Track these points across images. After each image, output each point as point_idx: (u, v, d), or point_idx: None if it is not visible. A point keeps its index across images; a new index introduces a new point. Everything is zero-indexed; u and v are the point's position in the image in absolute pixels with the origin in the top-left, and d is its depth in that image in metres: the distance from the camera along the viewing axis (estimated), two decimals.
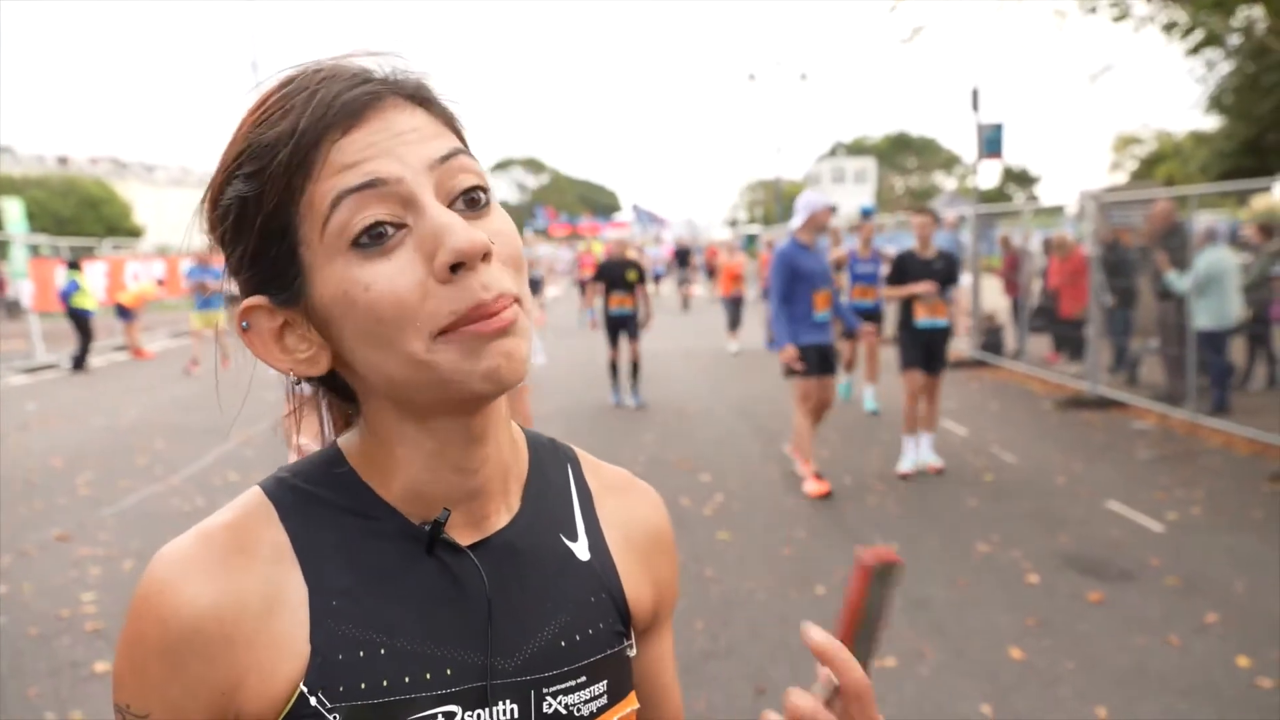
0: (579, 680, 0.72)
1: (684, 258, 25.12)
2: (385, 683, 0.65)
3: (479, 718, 0.67)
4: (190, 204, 0.69)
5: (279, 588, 0.65)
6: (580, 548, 0.77)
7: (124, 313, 15.22)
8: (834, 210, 6.09)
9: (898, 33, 44.50)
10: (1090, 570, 4.69)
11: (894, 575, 0.70)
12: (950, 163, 74.09)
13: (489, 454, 0.70)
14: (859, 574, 0.70)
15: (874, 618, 0.70)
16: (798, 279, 5.85)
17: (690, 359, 13.31)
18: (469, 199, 0.64)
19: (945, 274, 6.42)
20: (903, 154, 75.11)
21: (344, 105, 0.62)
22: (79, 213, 35.79)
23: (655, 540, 0.83)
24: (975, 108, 14.35)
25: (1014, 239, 13.34)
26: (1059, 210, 14.90)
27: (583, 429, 8.35)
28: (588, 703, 0.72)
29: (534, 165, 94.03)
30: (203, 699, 0.64)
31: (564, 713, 0.70)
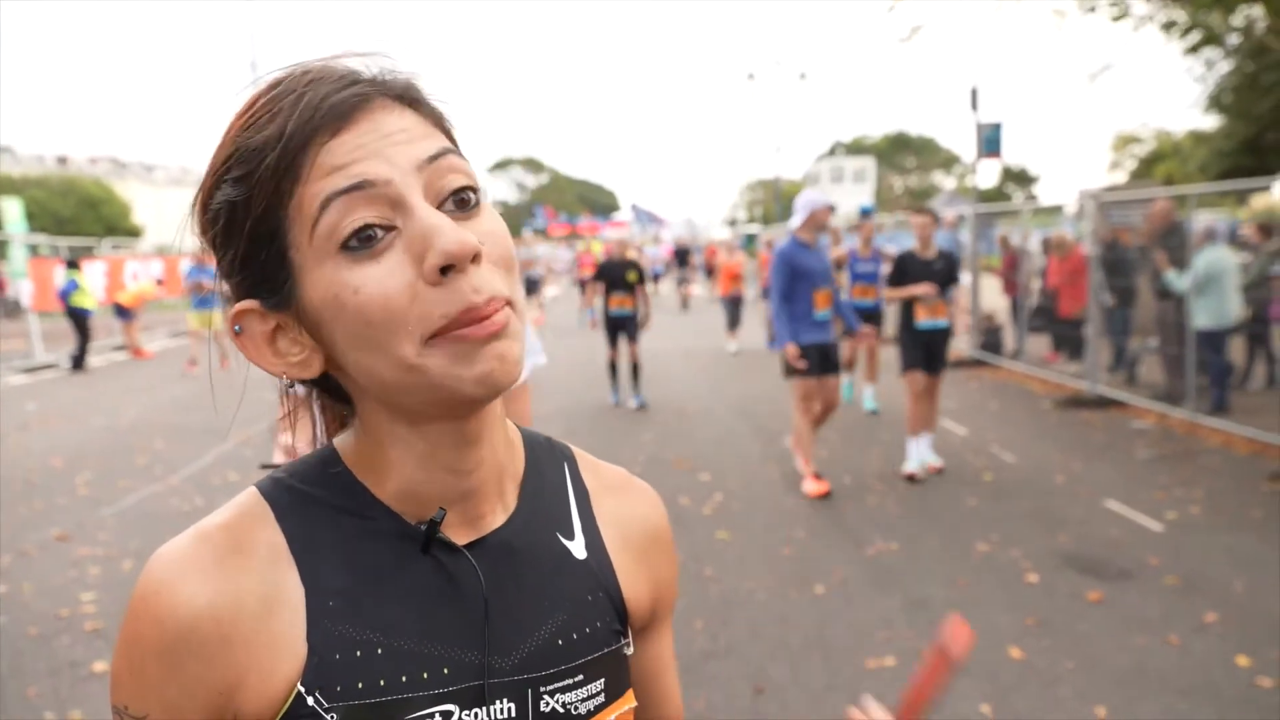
0: (576, 679, 0.72)
1: (683, 257, 25.11)
2: (382, 682, 0.65)
3: (476, 717, 0.67)
4: (189, 204, 0.69)
5: (276, 588, 0.66)
6: (577, 546, 0.77)
7: (123, 312, 15.22)
8: (833, 209, 6.09)
9: (897, 32, 44.50)
10: (1090, 570, 4.69)
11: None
12: (949, 162, 74.06)
13: (483, 455, 0.70)
14: (940, 661, 0.65)
15: (938, 699, 0.67)
16: (798, 278, 5.84)
17: (689, 359, 13.31)
18: (459, 199, 0.64)
19: (946, 274, 6.41)
20: (902, 153, 75.07)
21: (331, 107, 0.62)
22: (78, 212, 35.80)
23: (653, 539, 0.83)
24: (974, 107, 14.35)
25: (1013, 238, 13.33)
26: (1058, 210, 14.89)
27: (582, 429, 8.35)
28: (585, 701, 0.72)
29: (533, 165, 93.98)
30: (200, 699, 0.64)
31: (561, 711, 0.71)
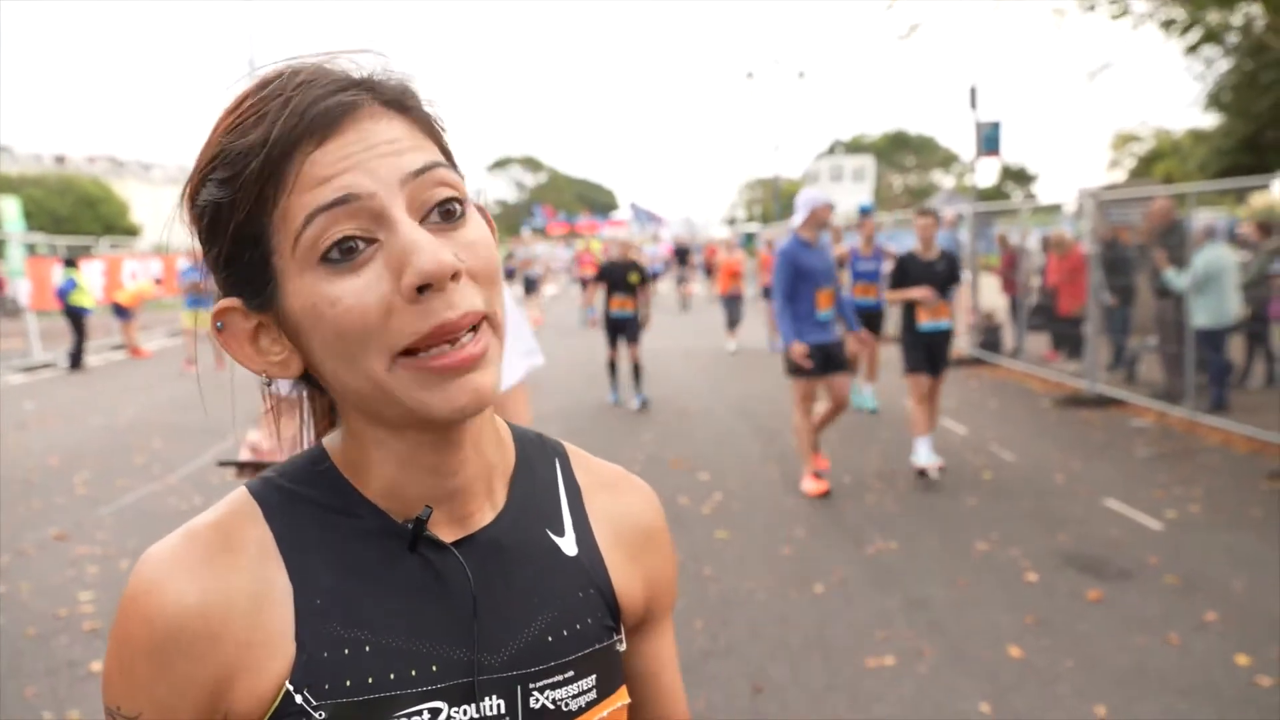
0: (566, 675, 0.71)
1: (683, 256, 25.12)
2: (370, 680, 0.65)
3: (465, 713, 0.67)
4: (178, 198, 0.68)
5: (265, 586, 0.65)
6: (567, 543, 0.76)
7: (121, 312, 15.21)
8: (832, 208, 6.08)
9: (895, 30, 44.51)
10: (1089, 569, 4.68)
11: None
12: (948, 161, 74.00)
13: (467, 456, 0.70)
14: None
15: None
16: (801, 277, 5.83)
17: (689, 358, 13.30)
18: (444, 210, 0.63)
19: (948, 275, 6.40)
20: (901, 152, 75.00)
21: (318, 115, 0.61)
22: (76, 211, 35.72)
23: (647, 536, 0.82)
24: (973, 106, 14.38)
25: (1012, 237, 13.32)
26: (1057, 208, 14.88)
27: (582, 428, 8.35)
28: (576, 697, 0.72)
29: (532, 164, 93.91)
30: (191, 698, 0.64)
31: (551, 707, 0.70)
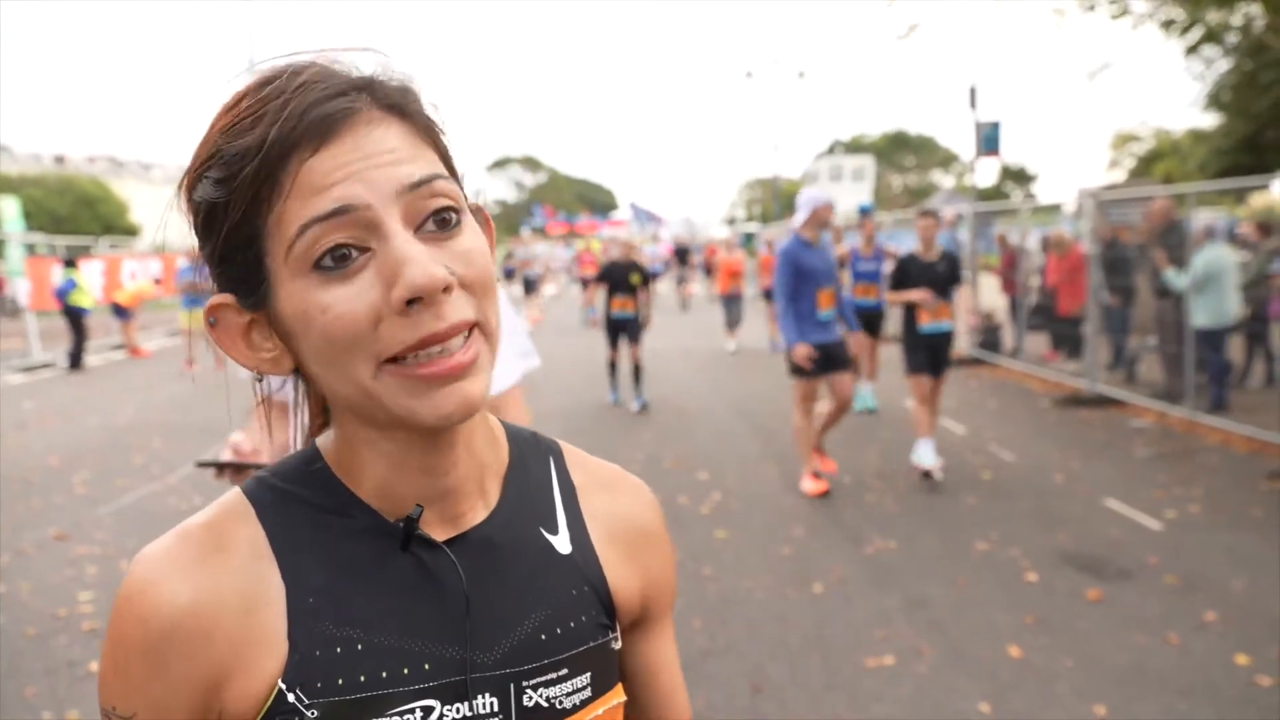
0: (560, 673, 0.71)
1: (683, 256, 25.11)
2: (363, 678, 0.65)
3: (458, 711, 0.67)
4: (174, 192, 0.68)
5: (258, 585, 0.65)
6: (561, 541, 0.76)
7: (121, 311, 15.21)
8: (833, 208, 6.08)
9: (895, 30, 44.47)
10: (1089, 568, 4.68)
11: None
12: (948, 160, 73.99)
13: (459, 456, 0.70)
14: None
15: None
16: (802, 277, 5.83)
17: (689, 358, 13.30)
18: (439, 219, 0.63)
19: (948, 275, 6.39)
20: (901, 152, 75.00)
21: (316, 120, 0.60)
22: (75, 211, 35.72)
23: (643, 534, 0.82)
24: (973, 105, 14.38)
25: (1012, 237, 13.33)
26: (1057, 208, 14.89)
27: (581, 428, 8.34)
28: (570, 695, 0.72)
29: (531, 163, 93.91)
30: (185, 697, 0.64)
31: (545, 705, 0.70)
